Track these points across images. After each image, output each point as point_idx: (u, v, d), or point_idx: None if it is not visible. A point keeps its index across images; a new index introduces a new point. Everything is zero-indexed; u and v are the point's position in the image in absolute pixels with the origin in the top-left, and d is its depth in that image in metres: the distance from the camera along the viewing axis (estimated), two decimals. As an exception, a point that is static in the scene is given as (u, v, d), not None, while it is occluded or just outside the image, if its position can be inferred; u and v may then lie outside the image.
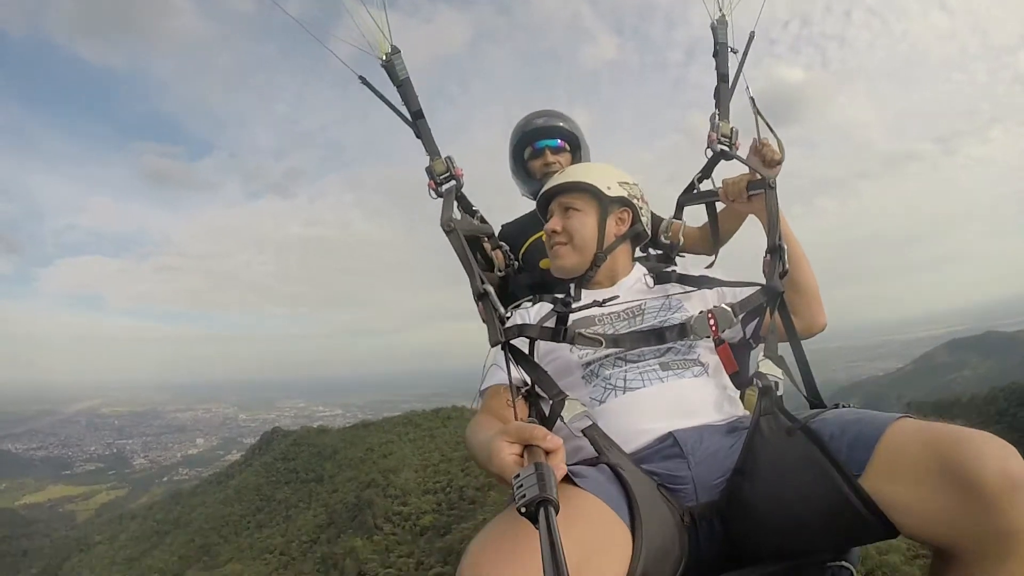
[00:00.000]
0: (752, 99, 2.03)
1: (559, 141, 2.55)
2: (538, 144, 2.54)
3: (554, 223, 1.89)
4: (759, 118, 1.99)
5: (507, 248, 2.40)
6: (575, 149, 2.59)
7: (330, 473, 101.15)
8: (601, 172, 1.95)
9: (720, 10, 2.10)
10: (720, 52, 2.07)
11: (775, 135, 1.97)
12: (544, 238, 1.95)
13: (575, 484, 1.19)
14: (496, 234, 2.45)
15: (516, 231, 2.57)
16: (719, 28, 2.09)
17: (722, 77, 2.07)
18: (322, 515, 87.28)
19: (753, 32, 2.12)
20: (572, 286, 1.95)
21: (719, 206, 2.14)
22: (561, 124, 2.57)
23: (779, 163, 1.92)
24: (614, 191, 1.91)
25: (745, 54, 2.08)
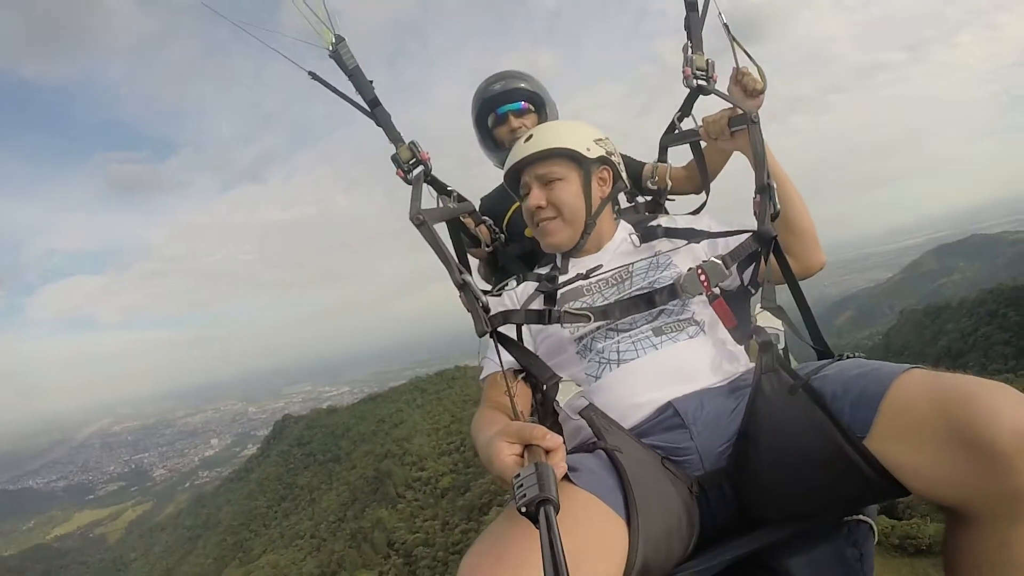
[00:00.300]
0: (726, 25, 1.84)
1: (522, 104, 2.39)
2: (500, 110, 2.39)
3: (536, 198, 1.75)
4: (735, 45, 1.83)
5: (491, 222, 2.31)
6: (539, 108, 2.42)
7: (346, 451, 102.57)
8: (574, 132, 1.79)
9: None
10: None
11: (755, 62, 1.80)
12: (526, 215, 1.82)
13: (570, 481, 1.18)
14: (477, 208, 2.31)
15: (496, 201, 2.43)
16: None
17: (690, 5, 1.91)
18: (345, 493, 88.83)
19: None
20: (559, 257, 1.87)
21: (704, 144, 2.01)
22: (522, 85, 2.40)
23: (762, 92, 1.79)
24: (593, 151, 1.77)
25: None
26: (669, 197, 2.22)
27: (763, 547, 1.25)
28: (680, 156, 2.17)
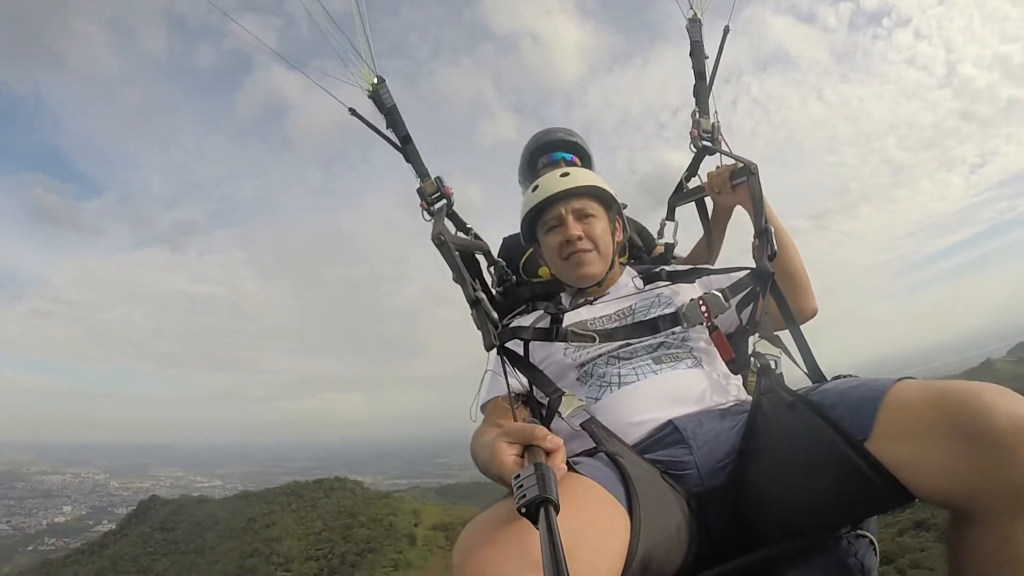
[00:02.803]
0: (717, 121, 2.10)
1: (572, 156, 2.58)
2: (554, 155, 2.57)
3: (575, 228, 1.85)
4: (723, 141, 2.07)
5: (503, 264, 2.36)
6: (585, 164, 2.61)
7: (211, 544, 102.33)
8: (601, 180, 1.94)
9: (692, 9, 2.21)
10: (695, 50, 2.17)
11: (733, 156, 1.96)
12: (555, 248, 1.89)
13: (572, 469, 1.18)
14: (500, 245, 2.57)
15: (517, 241, 2.38)
16: (693, 27, 2.20)
17: (699, 75, 2.14)
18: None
19: (727, 27, 2.21)
20: (563, 293, 2.03)
21: (709, 205, 2.18)
22: (576, 140, 2.62)
23: (741, 180, 1.90)
24: (616, 199, 1.95)
25: (720, 51, 2.18)
26: (674, 256, 2.35)
27: (765, 563, 1.23)
28: (685, 217, 2.30)
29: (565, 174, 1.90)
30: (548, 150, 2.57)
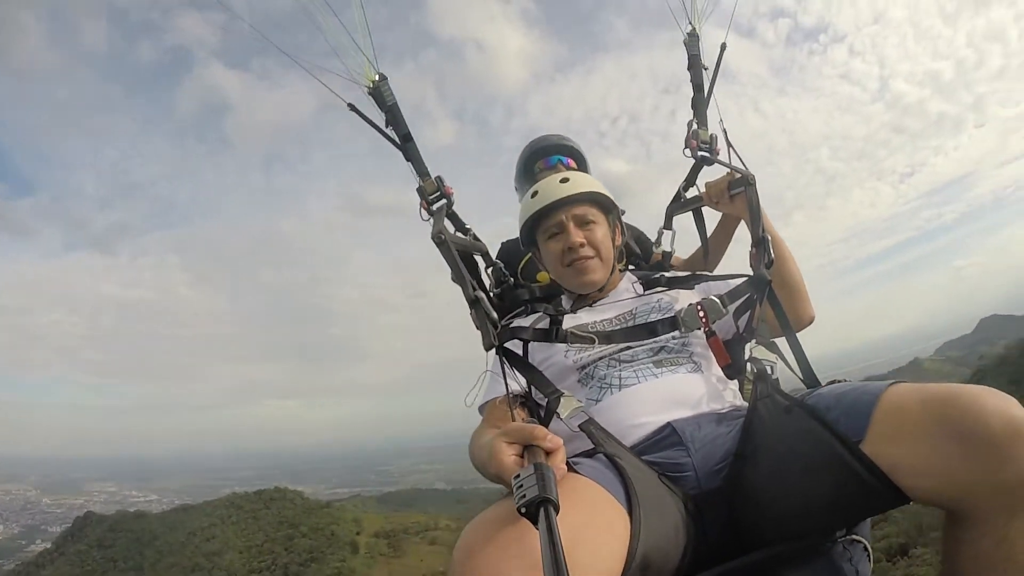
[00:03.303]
0: (724, 132, 2.06)
1: (568, 160, 2.59)
2: (551, 159, 2.57)
3: (577, 235, 1.85)
4: (730, 148, 2.02)
5: (501, 266, 2.35)
6: (581, 168, 2.61)
7: (151, 560, 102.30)
8: (600, 184, 1.95)
9: (691, 23, 2.21)
10: (693, 64, 2.17)
11: (744, 163, 1.97)
12: (556, 254, 1.90)
13: (571, 469, 1.18)
14: (498, 249, 2.58)
15: (516, 246, 2.34)
16: (690, 42, 2.20)
17: (697, 88, 2.15)
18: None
19: (724, 44, 2.23)
20: (564, 296, 2.04)
21: (707, 215, 2.21)
22: (572, 144, 2.63)
23: (740, 189, 1.90)
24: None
25: (718, 65, 2.18)
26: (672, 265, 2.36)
27: (761, 565, 1.23)
28: (683, 226, 2.30)
29: (565, 179, 1.91)
30: (545, 154, 2.60)
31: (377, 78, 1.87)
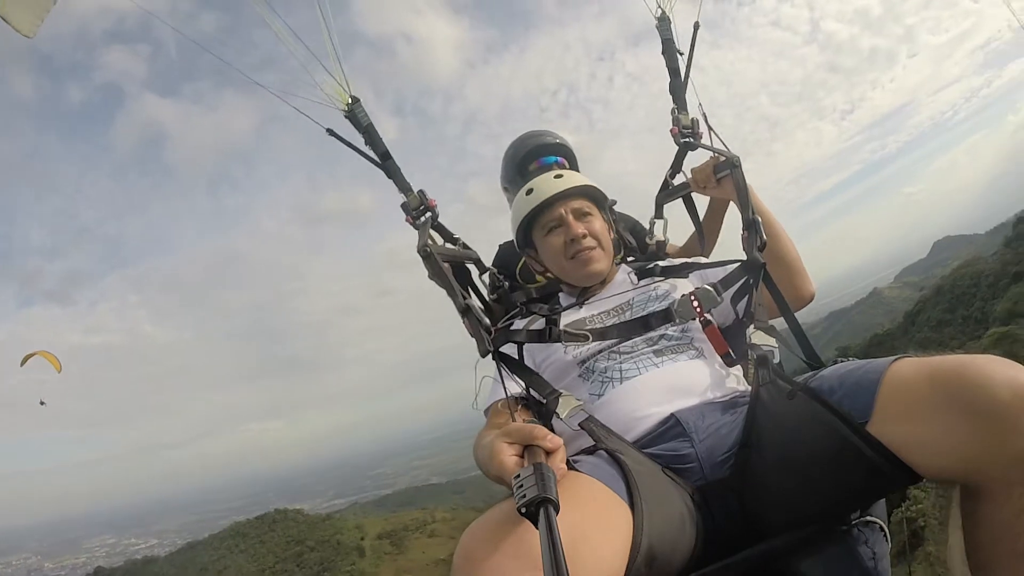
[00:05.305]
0: (704, 116, 2.04)
1: (561, 159, 2.56)
2: (545, 159, 2.53)
3: (578, 226, 1.85)
4: (711, 131, 2.02)
5: (495, 271, 2.33)
6: (572, 167, 2.57)
7: None
8: (590, 180, 1.96)
9: (659, 7, 2.14)
10: (667, 48, 2.10)
11: (725, 145, 1.98)
12: (557, 248, 1.90)
13: (572, 467, 1.17)
14: (496, 253, 2.54)
15: (512, 249, 2.30)
16: (662, 25, 2.12)
17: (673, 72, 2.08)
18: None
19: (697, 23, 2.13)
20: (562, 294, 2.01)
21: (704, 202, 2.19)
22: (562, 143, 2.59)
23: (725, 173, 1.89)
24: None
25: (692, 47, 2.10)
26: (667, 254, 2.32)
27: (774, 554, 1.21)
28: (674, 214, 2.26)
29: (559, 175, 1.93)
30: (538, 155, 2.56)
31: (351, 100, 1.87)
